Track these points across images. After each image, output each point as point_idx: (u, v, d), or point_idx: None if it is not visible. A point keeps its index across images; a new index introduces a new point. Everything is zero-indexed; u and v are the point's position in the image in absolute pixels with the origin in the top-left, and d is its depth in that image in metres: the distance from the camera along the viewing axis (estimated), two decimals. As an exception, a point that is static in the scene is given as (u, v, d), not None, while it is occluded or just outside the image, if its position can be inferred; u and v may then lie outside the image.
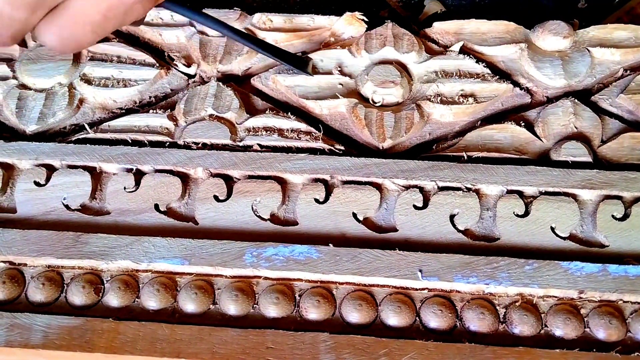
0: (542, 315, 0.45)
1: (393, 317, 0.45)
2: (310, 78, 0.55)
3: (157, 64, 0.57)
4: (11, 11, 0.34)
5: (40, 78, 0.56)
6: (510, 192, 0.49)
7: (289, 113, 0.54)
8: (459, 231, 0.48)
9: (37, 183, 0.51)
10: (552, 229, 0.48)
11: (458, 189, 0.50)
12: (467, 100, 0.54)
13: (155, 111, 0.54)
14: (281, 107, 0.55)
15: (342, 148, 0.52)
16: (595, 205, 0.49)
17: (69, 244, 0.48)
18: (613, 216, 0.48)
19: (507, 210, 0.49)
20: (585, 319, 0.45)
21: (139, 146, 0.52)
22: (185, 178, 0.51)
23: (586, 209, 0.49)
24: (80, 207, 0.50)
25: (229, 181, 0.51)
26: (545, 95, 0.55)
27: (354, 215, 0.49)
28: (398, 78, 0.55)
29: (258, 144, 0.52)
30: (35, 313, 0.46)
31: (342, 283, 0.47)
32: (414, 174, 0.50)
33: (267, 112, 0.54)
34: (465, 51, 0.57)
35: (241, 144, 0.52)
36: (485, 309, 0.45)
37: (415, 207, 0.49)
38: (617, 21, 0.71)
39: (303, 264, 0.47)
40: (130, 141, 0.53)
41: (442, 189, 0.50)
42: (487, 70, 0.55)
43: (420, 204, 0.49)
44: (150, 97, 0.56)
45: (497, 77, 0.55)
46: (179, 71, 0.58)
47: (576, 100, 0.53)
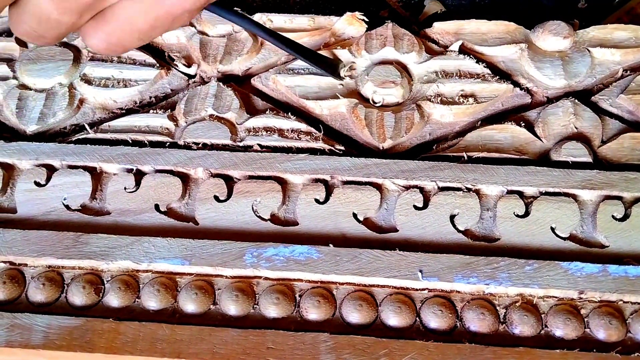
0: (542, 315, 0.45)
1: (393, 318, 0.45)
2: (311, 78, 0.55)
3: (158, 64, 0.57)
4: (58, 15, 0.33)
5: (40, 78, 0.56)
6: (510, 193, 0.49)
7: (289, 113, 0.54)
8: (459, 231, 0.48)
9: (38, 183, 0.51)
10: (552, 230, 0.48)
11: (458, 189, 0.50)
12: (468, 100, 0.54)
13: (155, 111, 0.54)
14: (281, 108, 0.55)
15: (343, 148, 0.52)
16: (595, 205, 0.49)
17: (69, 244, 0.48)
18: (613, 216, 0.48)
19: (508, 210, 0.49)
20: (585, 320, 0.45)
21: (139, 146, 0.52)
22: (185, 178, 0.51)
23: (586, 210, 0.49)
24: (80, 207, 0.50)
25: (229, 181, 0.51)
26: (545, 95, 0.55)
27: (354, 215, 0.49)
28: (398, 78, 0.55)
29: (258, 144, 0.52)
30: (35, 313, 0.46)
31: (343, 283, 0.47)
32: (414, 174, 0.50)
33: (268, 113, 0.54)
34: (465, 51, 0.57)
35: (241, 144, 0.52)
36: (485, 309, 0.45)
37: (415, 208, 0.49)
38: (617, 21, 0.71)
39: (303, 264, 0.47)
40: (130, 141, 0.53)
41: (443, 189, 0.50)
42: (488, 70, 0.55)
43: (420, 204, 0.49)
44: (150, 97, 0.56)
45: (497, 78, 0.55)
46: (179, 71, 0.58)
47: (576, 100, 0.53)
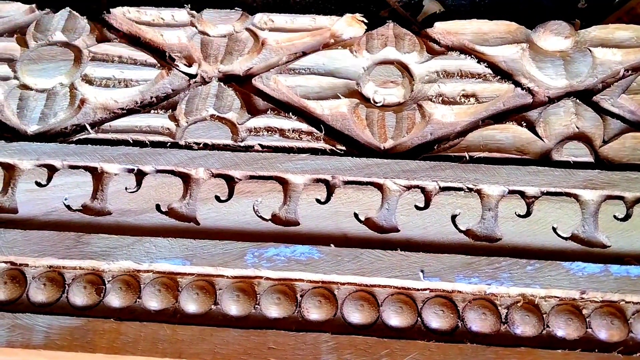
0: (544, 315, 0.45)
1: (395, 318, 0.45)
2: (312, 78, 0.55)
3: (159, 64, 0.57)
4: None
5: (41, 78, 0.56)
6: (511, 193, 0.49)
7: (291, 113, 0.54)
8: (461, 231, 0.48)
9: (39, 183, 0.51)
10: (554, 229, 0.48)
11: (460, 189, 0.49)
12: (469, 100, 0.53)
13: (156, 111, 0.54)
14: (282, 108, 0.55)
15: (344, 148, 0.52)
16: (596, 205, 0.49)
17: (70, 245, 0.48)
18: (615, 216, 0.48)
19: (509, 210, 0.49)
20: (587, 320, 0.45)
21: (140, 146, 0.52)
22: (186, 178, 0.51)
23: (588, 209, 0.49)
24: (81, 208, 0.50)
25: (231, 181, 0.51)
26: (546, 95, 0.55)
27: (356, 215, 0.49)
28: (399, 78, 0.55)
29: (259, 144, 0.52)
30: (36, 313, 0.46)
31: (344, 283, 0.47)
32: (416, 174, 0.50)
33: (269, 113, 0.54)
34: (466, 51, 0.57)
35: (242, 144, 0.52)
36: (487, 310, 0.45)
37: (416, 208, 0.49)
38: (617, 21, 0.71)
39: (304, 264, 0.47)
40: (131, 141, 0.53)
41: (444, 189, 0.50)
42: (489, 70, 0.55)
43: (421, 204, 0.49)
44: (151, 98, 0.56)
45: (499, 77, 0.55)
46: (180, 71, 0.57)
47: (578, 100, 0.53)
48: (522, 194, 0.49)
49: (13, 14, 0.61)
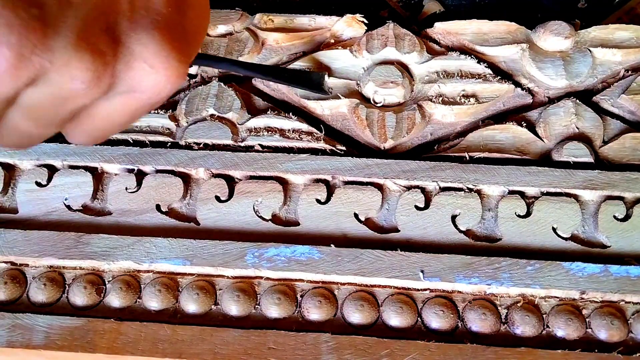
0: (544, 315, 0.45)
1: (395, 318, 0.45)
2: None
3: (159, 64, 0.57)
4: (37, 131, 0.32)
5: (41, 78, 0.56)
6: (511, 193, 0.49)
7: (291, 113, 0.54)
8: (461, 232, 0.48)
9: (39, 183, 0.51)
10: (554, 230, 0.48)
11: (460, 190, 0.50)
12: (469, 100, 0.54)
13: (156, 111, 0.54)
14: (282, 108, 0.55)
15: (344, 148, 0.52)
16: (596, 205, 0.49)
17: (71, 245, 0.48)
18: (615, 217, 0.48)
19: (509, 210, 0.49)
20: (587, 320, 0.45)
21: (141, 146, 0.52)
22: (186, 178, 0.51)
23: (588, 210, 0.49)
24: (81, 208, 0.50)
25: (231, 181, 0.51)
26: (546, 95, 0.55)
27: (356, 215, 0.49)
28: (399, 78, 0.55)
29: (259, 145, 0.52)
30: (36, 313, 0.46)
31: (344, 283, 0.47)
32: (416, 175, 0.50)
33: (269, 113, 0.54)
34: (466, 51, 0.57)
35: (242, 144, 0.52)
36: (487, 310, 0.45)
37: (416, 208, 0.49)
38: (617, 21, 0.71)
39: (305, 265, 0.47)
40: (131, 141, 0.53)
41: (444, 190, 0.50)
42: (489, 70, 0.55)
43: (421, 205, 0.49)
44: (151, 98, 0.56)
45: (499, 78, 0.55)
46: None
47: (578, 100, 0.53)
48: (522, 194, 0.49)
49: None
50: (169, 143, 0.53)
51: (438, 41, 0.58)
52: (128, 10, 0.30)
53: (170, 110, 0.54)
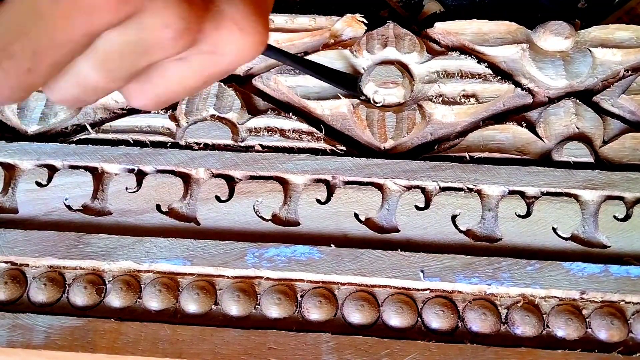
0: (544, 315, 0.45)
1: (395, 318, 0.45)
2: (312, 78, 0.55)
3: (159, 64, 0.57)
4: (105, 84, 0.30)
5: (41, 78, 0.56)
6: (512, 193, 0.49)
7: (291, 113, 0.54)
8: (461, 232, 0.48)
9: (39, 183, 0.51)
10: (554, 230, 0.48)
11: (460, 190, 0.50)
12: (469, 100, 0.54)
13: (156, 111, 0.54)
14: (283, 108, 0.55)
15: (344, 148, 0.52)
16: (597, 205, 0.49)
17: (71, 245, 0.48)
18: (615, 217, 0.48)
19: (509, 210, 0.49)
20: (587, 320, 0.45)
21: (141, 146, 0.52)
22: (187, 178, 0.51)
23: (588, 210, 0.49)
24: (82, 208, 0.50)
25: (231, 181, 0.51)
26: (546, 95, 0.55)
27: (356, 215, 0.49)
28: (399, 78, 0.55)
29: (260, 145, 0.52)
30: (37, 313, 0.46)
31: (344, 283, 0.47)
32: (416, 175, 0.50)
33: (269, 113, 0.54)
34: (466, 51, 0.57)
35: (243, 145, 0.52)
36: (487, 310, 0.45)
37: (417, 208, 0.49)
38: (617, 21, 0.71)
39: (305, 265, 0.47)
40: (131, 141, 0.53)
41: (444, 190, 0.50)
42: (489, 70, 0.55)
43: (422, 205, 0.49)
44: (151, 98, 0.56)
45: (499, 78, 0.55)
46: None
47: (578, 100, 0.53)
48: (522, 194, 0.49)
49: (13, 14, 0.61)
50: (169, 143, 0.53)
51: (438, 41, 0.58)
52: None
53: (170, 110, 0.54)
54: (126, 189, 0.51)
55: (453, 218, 0.49)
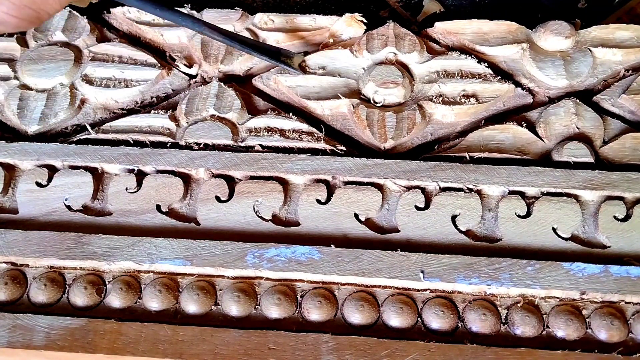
0: (544, 316, 0.45)
1: (395, 318, 0.45)
2: (312, 78, 0.55)
3: (159, 64, 0.57)
4: None
5: (41, 78, 0.56)
6: (512, 193, 0.49)
7: (291, 113, 0.54)
8: (461, 232, 0.48)
9: (39, 184, 0.51)
10: (554, 230, 0.48)
11: (460, 190, 0.50)
12: (469, 100, 0.54)
13: (156, 111, 0.54)
14: (283, 108, 0.55)
15: (344, 148, 0.52)
16: (597, 206, 0.49)
17: (71, 245, 0.48)
18: (615, 217, 0.48)
19: (509, 211, 0.49)
20: (587, 320, 0.45)
21: (141, 147, 0.52)
22: (187, 179, 0.51)
23: (588, 210, 0.49)
24: (82, 208, 0.50)
25: (231, 182, 0.51)
26: (547, 95, 0.55)
27: (356, 215, 0.49)
28: (400, 78, 0.55)
29: (260, 145, 0.52)
30: (37, 314, 0.46)
31: (344, 284, 0.47)
32: (416, 175, 0.50)
33: (269, 113, 0.54)
34: (467, 51, 0.57)
35: (243, 145, 0.52)
36: (487, 310, 0.45)
37: (417, 208, 0.49)
38: (617, 21, 0.71)
39: (305, 265, 0.47)
40: (131, 142, 0.53)
41: (444, 190, 0.50)
42: (489, 70, 0.55)
43: (422, 205, 0.49)
44: (151, 98, 0.56)
45: (499, 78, 0.55)
46: (181, 71, 0.57)
47: (578, 100, 0.53)
48: (523, 195, 0.49)
49: (13, 14, 0.61)
50: (169, 143, 0.53)
51: (438, 41, 0.58)
52: None
53: (170, 110, 0.54)
54: (126, 190, 0.51)
55: (453, 218, 0.49)
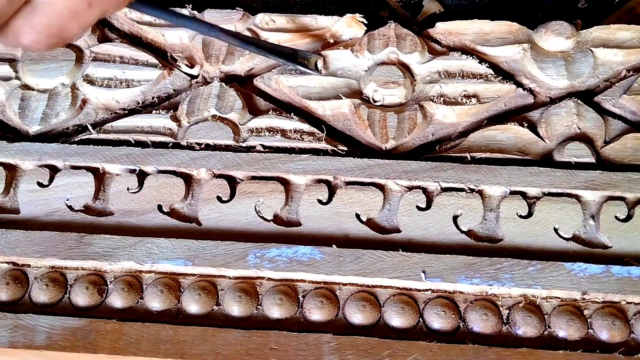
0: (546, 316, 0.45)
1: (396, 318, 0.46)
2: (313, 78, 0.55)
3: (160, 65, 0.57)
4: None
5: (43, 78, 0.56)
6: (513, 193, 0.49)
7: (292, 114, 0.54)
8: (462, 232, 0.48)
9: (40, 184, 0.51)
10: (555, 230, 0.48)
11: (461, 190, 0.50)
12: (470, 100, 0.54)
13: (158, 112, 0.54)
14: (284, 108, 0.55)
15: (345, 149, 0.52)
16: (598, 206, 0.49)
17: (73, 245, 0.48)
18: (616, 217, 0.48)
19: (510, 211, 0.49)
20: (588, 320, 0.45)
21: (142, 147, 0.52)
22: (188, 179, 0.51)
23: (589, 210, 0.49)
24: (83, 208, 0.50)
25: (232, 182, 0.51)
26: (548, 95, 0.55)
27: (357, 216, 0.49)
28: (401, 79, 0.55)
29: (261, 145, 0.52)
30: (38, 314, 0.46)
31: (346, 284, 0.47)
32: (417, 175, 0.50)
33: (270, 113, 0.54)
34: (468, 52, 0.57)
35: (244, 145, 0.52)
36: (488, 310, 0.45)
37: (418, 208, 0.49)
38: (617, 21, 0.71)
39: (306, 265, 0.47)
40: (133, 142, 0.53)
41: (445, 190, 0.50)
42: (490, 70, 0.55)
43: (423, 205, 0.49)
44: (153, 98, 0.56)
45: (500, 78, 0.55)
46: (182, 72, 0.57)
47: (579, 100, 0.53)
48: (524, 195, 0.49)
49: (14, 14, 0.61)
50: (171, 143, 0.53)
51: (439, 41, 0.58)
52: None
53: (172, 110, 0.54)
54: (128, 190, 0.51)
55: (454, 218, 0.49)
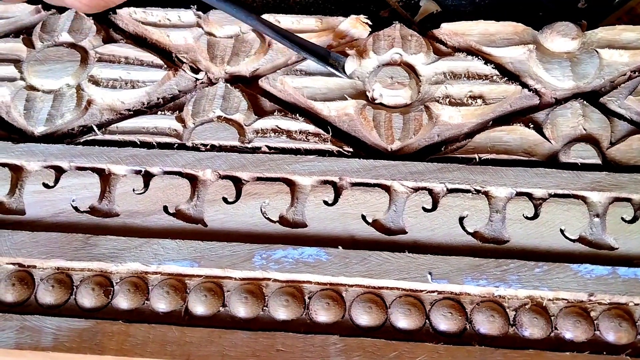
0: (552, 317, 0.45)
1: (403, 320, 0.45)
2: (318, 79, 0.55)
3: (165, 65, 0.57)
4: None
5: (48, 79, 0.56)
6: (519, 194, 0.49)
7: (297, 114, 0.54)
8: (468, 233, 0.48)
9: (46, 185, 0.51)
10: (562, 231, 0.48)
11: (467, 191, 0.50)
12: (476, 101, 0.53)
13: (163, 112, 0.54)
14: (289, 109, 0.55)
15: (351, 150, 0.52)
16: (604, 207, 0.49)
17: (78, 246, 0.48)
18: (622, 218, 0.48)
19: (517, 212, 0.49)
20: (595, 322, 0.45)
21: (148, 148, 0.52)
22: (193, 180, 0.51)
23: (595, 211, 0.49)
24: (89, 209, 0.50)
25: (238, 183, 0.51)
26: (553, 96, 0.55)
27: (363, 217, 0.49)
28: (406, 79, 0.54)
29: (266, 146, 0.52)
30: (45, 315, 0.46)
31: (352, 285, 0.47)
32: (423, 176, 0.50)
33: (276, 114, 0.54)
34: (473, 52, 0.57)
35: (249, 146, 0.52)
36: (495, 312, 0.45)
37: (424, 209, 0.49)
38: (617, 21, 0.71)
39: (312, 266, 0.47)
40: (138, 143, 0.53)
41: (451, 191, 0.50)
42: (496, 71, 0.55)
43: (429, 206, 0.49)
44: (158, 99, 0.56)
45: (506, 79, 0.55)
46: (187, 73, 0.57)
47: (585, 101, 0.53)
48: (530, 196, 0.49)
49: (19, 15, 0.61)
50: (176, 144, 0.53)
51: (444, 42, 0.58)
52: None
53: (177, 111, 0.54)
54: (133, 191, 0.51)
55: (460, 220, 0.49)
